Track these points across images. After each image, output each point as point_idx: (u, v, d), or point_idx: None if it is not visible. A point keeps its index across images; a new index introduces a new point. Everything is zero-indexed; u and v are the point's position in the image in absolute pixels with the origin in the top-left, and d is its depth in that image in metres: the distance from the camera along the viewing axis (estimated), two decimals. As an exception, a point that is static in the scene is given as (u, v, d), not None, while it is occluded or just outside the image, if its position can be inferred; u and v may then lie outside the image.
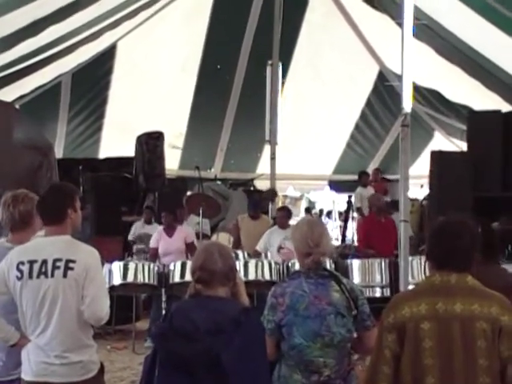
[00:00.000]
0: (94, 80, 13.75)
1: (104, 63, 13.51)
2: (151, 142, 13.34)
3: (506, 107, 11.10)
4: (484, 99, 11.70)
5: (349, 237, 14.31)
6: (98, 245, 4.16)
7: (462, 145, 12.19)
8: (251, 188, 15.31)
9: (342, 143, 16.13)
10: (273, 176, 13.35)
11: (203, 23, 13.38)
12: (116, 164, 13.66)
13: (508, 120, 10.41)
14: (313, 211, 19.49)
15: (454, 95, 12.92)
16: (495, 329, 2.94)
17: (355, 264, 8.47)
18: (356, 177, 14.38)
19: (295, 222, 10.28)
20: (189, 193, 13.45)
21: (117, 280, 8.41)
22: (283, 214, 9.46)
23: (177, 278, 8.40)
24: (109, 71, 13.69)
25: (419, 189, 14.04)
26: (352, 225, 14.16)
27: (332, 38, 13.98)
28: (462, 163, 10.25)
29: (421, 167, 12.80)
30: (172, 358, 3.09)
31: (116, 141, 14.38)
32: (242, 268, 8.18)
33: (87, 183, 12.52)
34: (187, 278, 7.83)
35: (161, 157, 13.50)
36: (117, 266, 8.49)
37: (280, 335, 3.72)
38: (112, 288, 8.10)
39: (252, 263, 8.41)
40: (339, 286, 3.72)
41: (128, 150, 13.56)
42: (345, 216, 14.93)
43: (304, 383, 3.68)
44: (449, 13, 9.98)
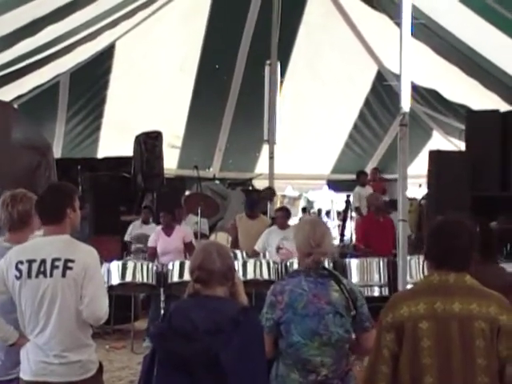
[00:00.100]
0: (93, 80, 13.73)
1: (102, 63, 13.49)
2: (150, 142, 13.33)
3: (505, 107, 11.11)
4: (482, 99, 11.70)
5: (347, 236, 14.29)
6: (97, 244, 4.15)
7: (461, 144, 12.20)
8: (250, 188, 15.29)
9: (341, 143, 16.13)
10: (271, 176, 13.34)
11: (201, 23, 13.37)
12: (114, 164, 13.64)
13: (506, 119, 10.42)
14: (311, 211, 19.47)
15: (453, 95, 12.92)
16: (494, 328, 2.94)
17: (353, 263, 8.44)
18: (354, 176, 14.37)
19: (293, 222, 10.30)
20: (187, 192, 13.45)
21: (115, 279, 8.40)
22: (282, 215, 9.44)
23: (175, 278, 8.40)
24: (107, 71, 13.68)
25: (417, 188, 14.01)
26: (350, 224, 14.16)
27: (330, 38, 13.98)
28: (461, 163, 10.25)
29: (419, 167, 12.79)
30: (171, 358, 3.09)
31: (114, 140, 14.37)
32: (241, 267, 8.18)
33: (86, 183, 12.50)
34: (186, 278, 7.83)
35: (159, 156, 13.48)
36: (115, 266, 8.48)
37: (278, 333, 3.73)
38: (110, 287, 8.09)
39: (250, 263, 8.41)
40: (339, 286, 3.73)
41: (126, 150, 13.55)
42: (343, 215, 14.92)
43: (301, 382, 3.69)
44: (447, 12, 9.99)
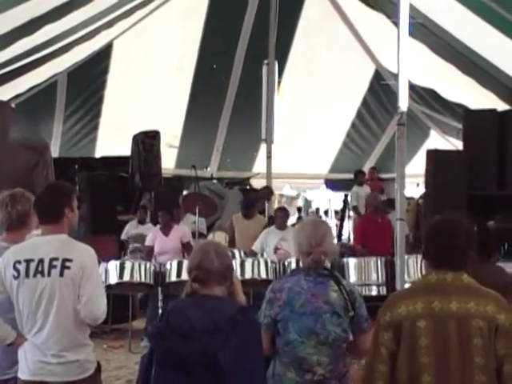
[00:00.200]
0: (90, 79, 13.73)
1: (100, 62, 13.48)
2: (147, 141, 13.31)
3: (502, 106, 11.11)
4: (479, 98, 11.70)
5: (345, 235, 14.31)
6: (94, 244, 4.14)
7: (458, 143, 12.20)
8: (247, 187, 15.29)
9: (338, 142, 16.13)
10: (269, 175, 13.34)
11: (199, 23, 13.37)
12: (112, 163, 13.63)
13: (503, 119, 10.44)
14: (309, 210, 19.47)
15: (450, 94, 12.92)
16: (491, 327, 2.95)
17: (351, 262, 8.42)
18: (352, 175, 14.38)
19: (290, 222, 10.24)
20: (185, 192, 13.43)
21: (113, 279, 8.40)
22: (282, 215, 9.42)
23: (173, 277, 8.39)
24: (105, 70, 13.67)
25: (415, 187, 14.03)
26: (348, 223, 14.17)
27: (328, 37, 13.97)
28: (458, 162, 10.26)
29: (417, 166, 12.79)
30: (169, 358, 3.09)
31: (112, 140, 14.37)
32: (239, 267, 8.16)
33: (83, 182, 12.49)
34: (184, 277, 7.82)
35: (157, 156, 13.47)
36: (113, 265, 8.47)
37: (275, 331, 3.74)
38: (108, 287, 8.09)
39: (248, 262, 8.40)
40: (338, 287, 3.74)
41: (124, 149, 13.54)
42: (341, 215, 14.94)
43: (298, 381, 3.69)
44: (444, 11, 9.99)
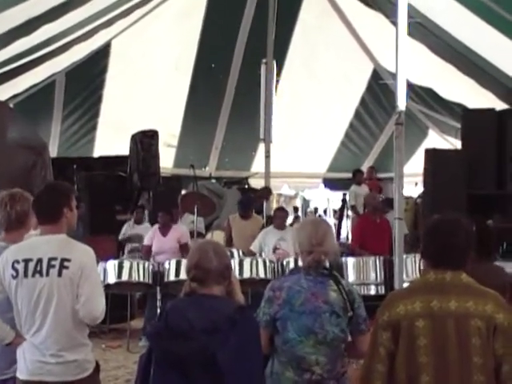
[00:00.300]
0: (88, 79, 13.72)
1: (98, 62, 13.48)
2: (146, 141, 13.31)
3: (500, 105, 11.12)
4: (478, 97, 11.71)
5: (343, 235, 14.30)
6: (93, 243, 4.13)
7: (457, 143, 12.21)
8: (246, 186, 15.29)
9: (337, 141, 16.14)
10: (267, 174, 13.35)
11: (197, 22, 13.37)
12: (110, 163, 13.62)
13: (502, 118, 10.44)
14: (308, 210, 19.47)
15: (448, 93, 12.93)
16: (490, 326, 2.94)
17: (350, 262, 8.43)
18: (350, 175, 14.37)
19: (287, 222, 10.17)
20: (183, 191, 13.43)
21: (111, 279, 8.39)
22: (282, 215, 9.42)
23: (172, 277, 8.38)
24: (103, 70, 13.67)
25: (413, 187, 14.03)
26: (346, 223, 14.17)
27: (326, 37, 13.98)
28: (456, 161, 10.26)
29: (415, 165, 12.81)
30: (167, 357, 3.09)
31: (110, 139, 14.36)
32: (237, 266, 8.15)
33: (81, 182, 12.49)
34: (182, 277, 7.82)
35: (155, 155, 13.47)
36: (111, 265, 8.47)
37: (274, 329, 3.74)
38: (107, 286, 8.08)
39: (247, 261, 8.39)
40: (337, 287, 3.74)
41: (122, 149, 13.54)
42: (339, 214, 14.93)
43: (296, 381, 3.69)
44: (443, 11, 9.99)
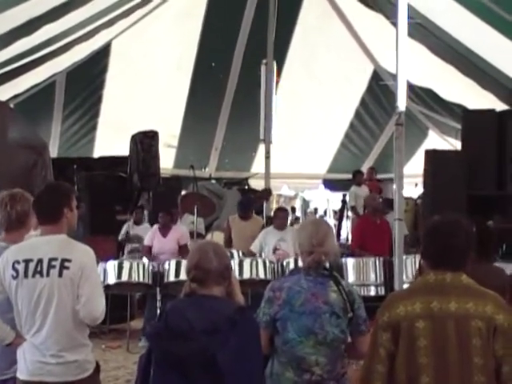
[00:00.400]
0: (89, 79, 13.73)
1: (98, 62, 13.49)
2: (146, 141, 13.31)
3: (500, 106, 11.11)
4: (478, 98, 11.71)
5: (343, 236, 14.30)
6: (93, 244, 4.13)
7: (457, 143, 12.21)
8: (246, 187, 15.29)
9: (337, 142, 16.14)
10: (267, 175, 13.35)
11: (198, 22, 13.38)
12: (110, 163, 13.63)
13: (502, 119, 10.43)
14: (308, 210, 19.47)
15: (449, 94, 12.92)
16: (490, 327, 2.94)
17: (350, 262, 8.42)
18: (350, 176, 14.37)
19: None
20: (183, 192, 13.43)
21: (111, 279, 8.39)
22: (283, 215, 9.41)
23: (172, 277, 8.37)
24: (103, 70, 13.68)
25: (413, 188, 14.03)
26: (346, 224, 14.16)
27: (326, 37, 13.99)
28: (456, 162, 10.26)
29: (415, 166, 12.81)
30: (167, 358, 3.09)
31: (110, 140, 14.36)
32: (237, 267, 8.13)
33: (81, 182, 12.49)
34: (182, 277, 7.82)
35: (155, 156, 13.47)
36: (111, 265, 8.47)
37: (274, 330, 3.74)
38: (107, 287, 8.07)
39: (247, 262, 8.37)
40: (337, 287, 3.74)
41: (122, 149, 13.54)
42: (339, 215, 14.92)
43: (296, 381, 3.69)
44: (443, 12, 9.99)
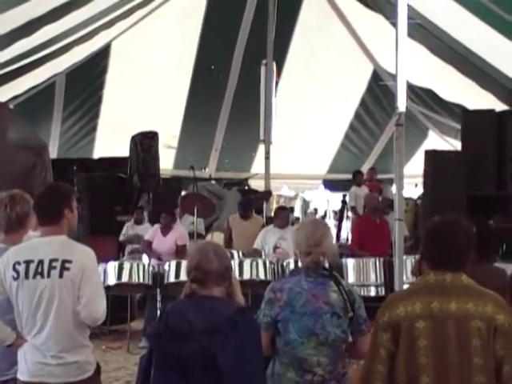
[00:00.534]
0: (89, 80, 13.74)
1: (98, 63, 13.50)
2: (146, 142, 13.31)
3: (500, 106, 11.11)
4: (478, 98, 11.71)
5: (343, 236, 14.29)
6: (93, 245, 4.12)
7: (457, 144, 12.21)
8: (246, 187, 15.29)
9: (337, 142, 16.14)
10: (267, 175, 13.36)
11: (197, 23, 13.39)
12: (110, 164, 13.62)
13: (502, 119, 10.43)
14: (308, 211, 19.46)
15: (448, 94, 12.93)
16: (490, 327, 2.94)
17: (350, 263, 8.41)
18: (350, 176, 14.38)
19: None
20: (183, 192, 13.43)
21: (112, 280, 8.40)
22: (285, 215, 9.41)
23: (172, 278, 8.37)
24: (103, 71, 13.69)
25: (413, 188, 14.03)
26: (346, 224, 14.15)
27: (326, 38, 13.99)
28: (456, 162, 10.25)
29: (415, 166, 12.80)
30: (168, 359, 3.09)
31: (110, 141, 14.37)
32: (237, 267, 8.12)
33: (81, 183, 12.48)
34: (182, 278, 7.82)
35: (155, 157, 13.47)
36: (112, 266, 8.48)
37: (275, 331, 3.74)
38: (107, 288, 8.04)
39: (247, 263, 8.35)
40: (337, 287, 3.74)
41: (122, 150, 13.54)
42: (339, 215, 14.92)
43: (298, 382, 3.69)
44: (443, 12, 9.99)
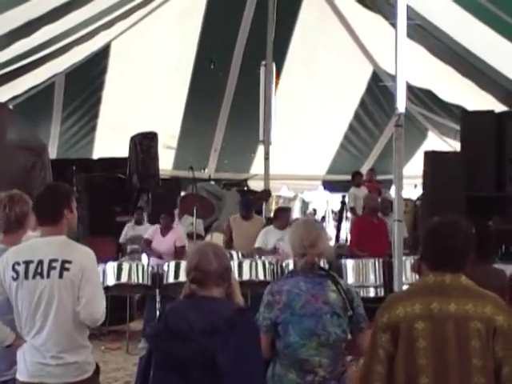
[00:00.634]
0: (88, 80, 13.74)
1: (98, 63, 13.50)
2: (145, 143, 13.30)
3: (499, 107, 11.12)
4: (477, 99, 11.72)
5: (343, 237, 14.29)
6: (92, 245, 4.13)
7: (456, 145, 12.21)
8: (245, 188, 15.29)
9: (336, 143, 16.14)
10: (267, 176, 13.35)
11: (197, 23, 13.39)
12: (110, 164, 13.62)
13: (501, 120, 10.43)
14: (307, 211, 19.45)
15: (448, 95, 12.94)
16: (489, 329, 2.94)
17: (349, 264, 8.40)
18: (350, 177, 14.37)
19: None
20: (183, 193, 13.42)
21: (111, 280, 8.39)
22: (285, 216, 9.39)
23: (171, 279, 8.35)
24: (103, 71, 13.69)
25: (413, 189, 14.04)
26: (346, 225, 14.15)
27: (326, 38, 14.00)
28: (456, 163, 10.26)
29: (414, 167, 12.81)
30: (167, 359, 3.09)
31: (110, 141, 14.36)
32: (236, 268, 8.10)
33: (81, 184, 12.48)
34: (181, 279, 7.82)
35: (155, 157, 13.46)
36: (111, 267, 8.47)
37: (275, 333, 3.73)
38: (106, 288, 8.04)
39: (246, 263, 8.34)
40: (336, 287, 3.73)
41: (122, 151, 13.53)
42: (338, 216, 14.91)
43: (299, 383, 3.68)
44: (442, 13, 10.00)
